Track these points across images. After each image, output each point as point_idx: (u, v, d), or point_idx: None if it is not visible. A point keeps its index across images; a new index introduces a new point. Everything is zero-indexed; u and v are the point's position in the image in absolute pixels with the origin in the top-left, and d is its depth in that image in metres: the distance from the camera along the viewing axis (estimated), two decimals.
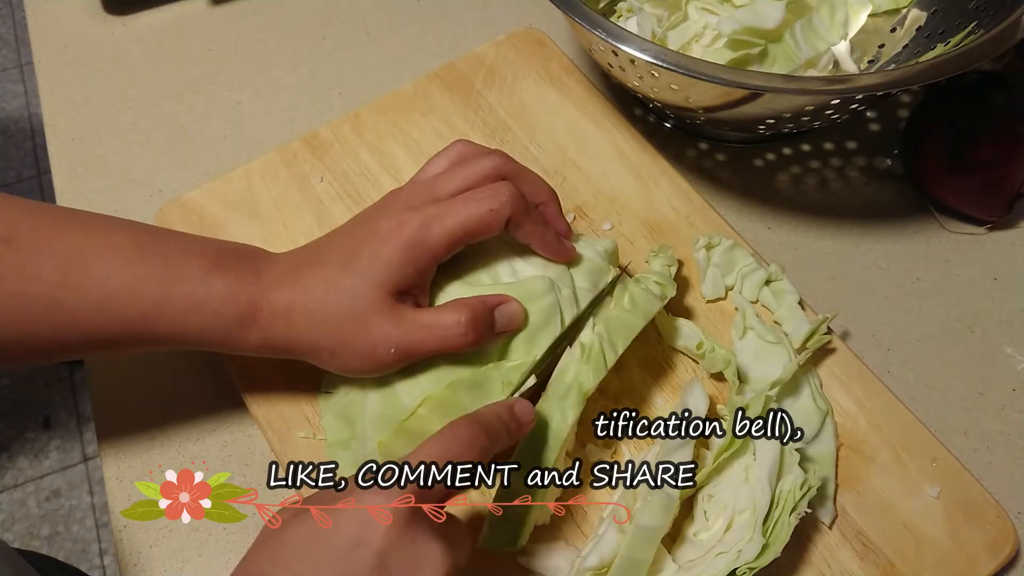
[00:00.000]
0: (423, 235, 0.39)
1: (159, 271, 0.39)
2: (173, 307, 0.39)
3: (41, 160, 1.70)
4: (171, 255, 0.40)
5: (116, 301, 0.38)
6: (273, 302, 0.39)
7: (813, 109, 0.48)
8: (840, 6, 0.59)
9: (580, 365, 0.41)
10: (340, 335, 0.39)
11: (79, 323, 0.38)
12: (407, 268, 0.39)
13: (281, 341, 0.40)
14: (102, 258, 0.38)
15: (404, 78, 0.61)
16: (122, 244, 0.39)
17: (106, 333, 0.39)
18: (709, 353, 0.46)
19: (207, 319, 0.39)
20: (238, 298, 0.39)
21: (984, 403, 0.49)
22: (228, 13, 0.67)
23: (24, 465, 1.38)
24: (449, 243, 0.39)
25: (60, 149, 0.60)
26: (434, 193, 0.41)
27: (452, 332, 0.39)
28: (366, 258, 0.39)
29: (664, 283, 0.46)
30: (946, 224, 0.56)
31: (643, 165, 0.56)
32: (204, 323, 0.39)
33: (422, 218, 0.39)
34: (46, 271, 0.37)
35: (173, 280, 0.39)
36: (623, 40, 0.45)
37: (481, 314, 0.40)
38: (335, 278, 0.39)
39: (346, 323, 0.39)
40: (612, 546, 0.39)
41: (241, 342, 0.40)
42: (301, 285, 0.40)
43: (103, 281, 0.38)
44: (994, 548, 0.43)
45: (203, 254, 0.40)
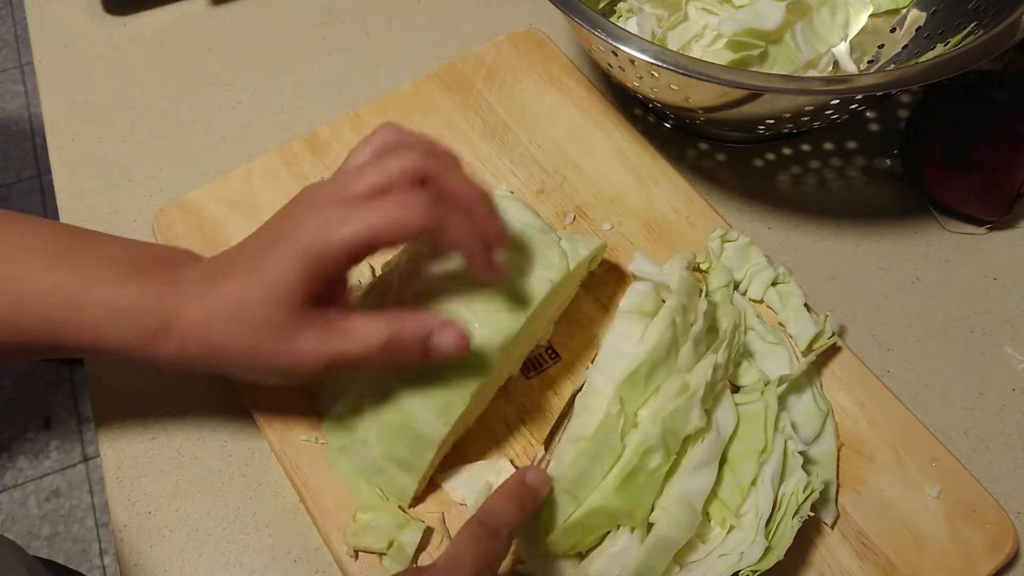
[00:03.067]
0: (322, 243, 0.35)
1: (73, 277, 0.37)
2: (88, 314, 0.37)
3: (41, 160, 1.70)
4: (87, 261, 0.38)
5: (31, 305, 0.37)
6: (189, 314, 0.37)
7: (813, 109, 0.48)
8: (841, 7, 0.59)
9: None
10: (262, 350, 0.37)
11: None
12: (311, 277, 0.36)
13: (199, 355, 0.37)
14: (16, 262, 0.37)
15: (404, 78, 0.61)
16: (38, 247, 0.38)
17: (24, 337, 0.38)
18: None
19: (122, 328, 0.37)
20: (151, 308, 0.37)
21: (984, 403, 0.49)
22: (228, 13, 0.67)
23: (24, 465, 1.38)
24: (349, 253, 0.35)
25: (60, 149, 0.60)
26: (346, 190, 0.37)
27: (376, 347, 0.37)
28: (271, 267, 0.36)
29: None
30: (946, 224, 0.56)
31: (643, 165, 0.56)
32: (119, 332, 0.37)
33: (321, 223, 0.36)
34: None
35: (87, 286, 0.37)
36: (623, 40, 0.45)
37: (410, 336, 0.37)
38: (248, 289, 0.37)
39: (267, 338, 0.36)
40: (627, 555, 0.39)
41: (158, 353, 0.38)
42: (216, 297, 0.37)
43: (17, 284, 0.37)
44: (994, 548, 0.43)
45: (120, 260, 0.39)
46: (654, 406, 0.40)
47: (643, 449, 0.38)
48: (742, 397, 0.43)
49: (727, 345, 0.43)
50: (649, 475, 0.39)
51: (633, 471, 0.39)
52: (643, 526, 0.39)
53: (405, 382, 0.41)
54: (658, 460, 0.39)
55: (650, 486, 0.39)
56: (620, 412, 0.40)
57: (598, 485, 0.39)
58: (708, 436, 0.40)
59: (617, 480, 0.39)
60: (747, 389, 0.45)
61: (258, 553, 0.44)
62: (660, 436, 0.39)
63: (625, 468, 0.39)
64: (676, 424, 0.39)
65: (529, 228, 0.45)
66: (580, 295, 0.50)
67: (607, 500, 0.39)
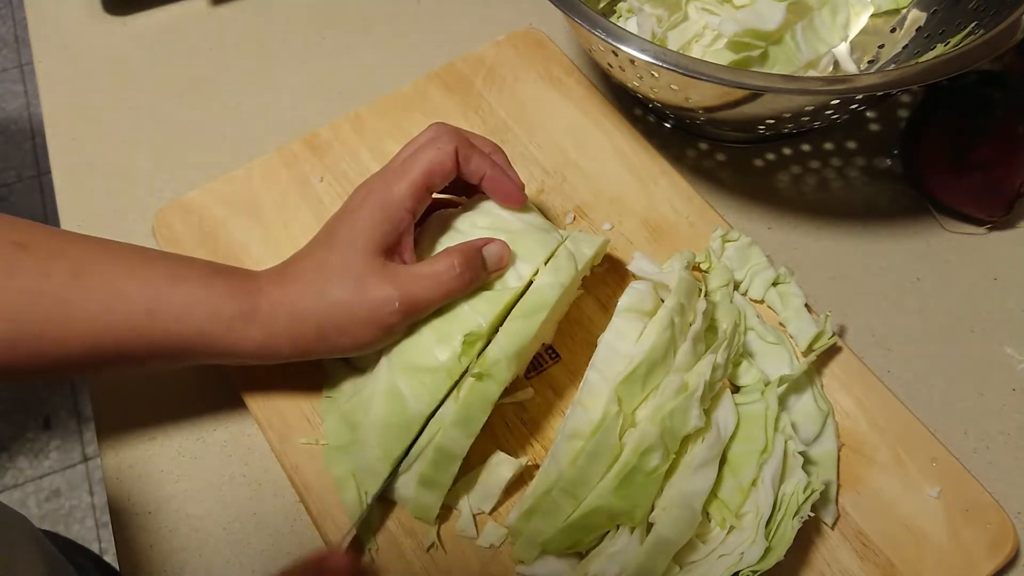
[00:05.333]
0: (389, 193, 0.42)
1: (162, 272, 0.41)
2: (176, 304, 0.40)
3: (41, 160, 1.70)
4: (172, 261, 0.42)
5: (121, 299, 0.39)
6: (271, 295, 0.41)
7: (813, 109, 0.48)
8: (842, 7, 0.59)
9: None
10: (341, 308, 0.40)
11: (86, 321, 0.39)
12: (384, 227, 0.41)
13: (284, 333, 0.41)
14: (109, 261, 0.40)
15: (404, 78, 0.61)
16: (127, 252, 0.42)
17: (112, 335, 0.39)
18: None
19: (209, 316, 0.40)
20: (237, 295, 0.41)
21: (984, 403, 0.49)
22: (228, 13, 0.67)
23: (24, 465, 1.38)
24: (414, 192, 0.42)
25: (60, 149, 0.60)
26: (389, 167, 0.44)
27: (447, 276, 0.41)
28: (344, 232, 0.41)
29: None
30: (946, 224, 0.56)
31: (643, 165, 0.56)
32: (206, 320, 0.40)
33: (383, 182, 0.42)
34: (57, 271, 0.39)
35: (175, 280, 0.41)
36: (623, 40, 0.45)
37: (471, 255, 0.42)
38: (322, 259, 0.41)
39: (343, 293, 0.40)
40: (626, 555, 0.39)
41: (243, 340, 0.40)
42: (293, 275, 0.42)
43: (109, 281, 0.40)
44: (994, 548, 0.43)
45: (201, 264, 0.43)
46: (653, 406, 0.40)
47: (642, 449, 0.38)
48: (742, 397, 0.43)
49: (726, 345, 0.43)
50: (648, 475, 0.39)
51: (632, 471, 0.39)
52: (643, 526, 0.39)
53: (409, 380, 0.41)
54: (657, 460, 0.39)
55: (649, 486, 0.39)
56: (618, 412, 0.40)
57: (596, 485, 0.39)
58: (708, 436, 0.40)
59: (616, 480, 0.39)
60: (747, 389, 0.45)
61: (258, 553, 0.44)
62: (659, 436, 0.39)
63: (624, 468, 0.39)
64: (675, 424, 0.39)
65: (531, 227, 0.45)
66: (580, 295, 0.50)
67: (606, 500, 0.39)
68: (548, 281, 0.42)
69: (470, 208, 0.46)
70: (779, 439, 0.42)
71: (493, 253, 0.43)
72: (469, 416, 0.40)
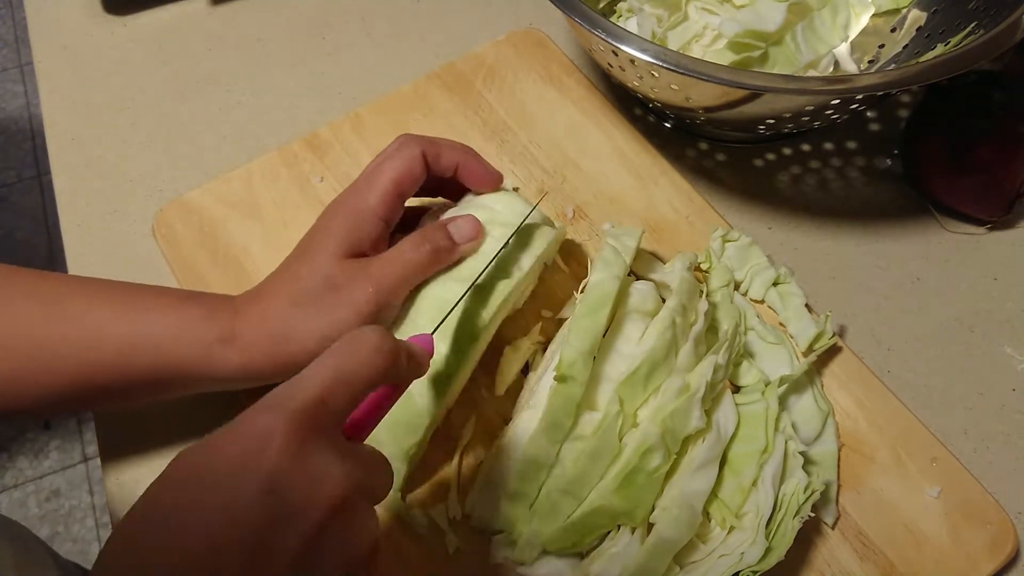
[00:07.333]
0: (360, 202, 0.42)
1: (137, 303, 0.41)
2: (154, 334, 0.40)
3: (41, 160, 1.70)
4: (145, 292, 0.42)
5: (99, 332, 0.39)
6: (248, 316, 0.41)
7: (813, 109, 0.48)
8: (842, 8, 0.59)
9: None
10: (321, 306, 0.40)
11: (65, 357, 0.39)
12: (355, 233, 0.42)
13: (262, 352, 0.40)
14: (83, 296, 0.41)
15: (404, 78, 0.61)
16: (99, 286, 0.42)
17: (91, 368, 0.39)
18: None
19: (187, 342, 0.40)
20: (213, 319, 0.40)
21: (984, 403, 0.49)
22: (228, 13, 0.67)
23: (24, 465, 1.38)
24: (384, 199, 0.42)
25: (60, 149, 0.60)
26: (356, 182, 0.44)
27: (411, 252, 0.41)
28: (315, 242, 0.42)
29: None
30: (946, 224, 0.56)
31: (643, 165, 0.56)
32: (186, 346, 0.40)
33: (353, 193, 0.43)
34: (34, 309, 0.39)
35: (151, 309, 0.41)
36: (623, 40, 0.45)
37: (432, 230, 0.42)
38: (294, 271, 0.42)
39: (317, 296, 0.40)
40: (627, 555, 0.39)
41: (223, 364, 0.40)
42: (267, 293, 0.42)
43: (85, 313, 0.40)
44: (994, 548, 0.43)
45: (173, 293, 0.43)
46: (654, 406, 0.40)
47: (643, 449, 0.38)
48: (743, 397, 0.43)
49: (727, 346, 0.43)
50: (649, 475, 0.39)
51: (633, 471, 0.39)
52: (643, 526, 0.39)
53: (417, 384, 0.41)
54: (658, 460, 0.39)
55: (650, 486, 0.39)
56: (619, 412, 0.40)
57: (597, 485, 0.39)
58: (708, 436, 0.40)
59: (617, 480, 0.39)
60: (747, 389, 0.45)
61: None
62: (660, 436, 0.39)
63: (624, 468, 0.39)
64: (676, 424, 0.39)
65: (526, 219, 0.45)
66: (574, 295, 0.50)
67: (607, 500, 0.39)
68: (602, 276, 0.43)
69: (461, 205, 0.46)
70: (779, 439, 0.42)
71: (460, 226, 0.43)
72: (555, 421, 0.40)
